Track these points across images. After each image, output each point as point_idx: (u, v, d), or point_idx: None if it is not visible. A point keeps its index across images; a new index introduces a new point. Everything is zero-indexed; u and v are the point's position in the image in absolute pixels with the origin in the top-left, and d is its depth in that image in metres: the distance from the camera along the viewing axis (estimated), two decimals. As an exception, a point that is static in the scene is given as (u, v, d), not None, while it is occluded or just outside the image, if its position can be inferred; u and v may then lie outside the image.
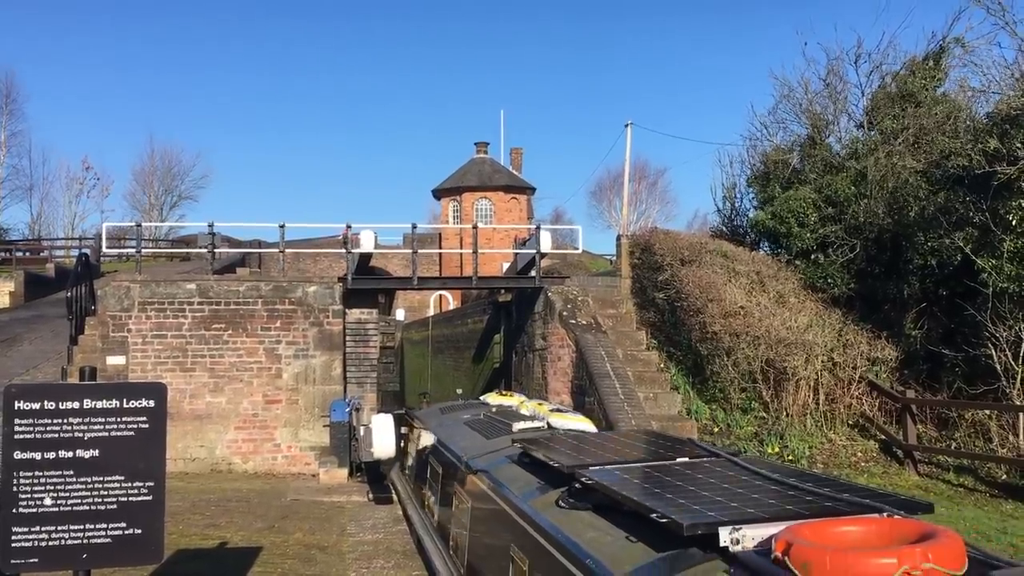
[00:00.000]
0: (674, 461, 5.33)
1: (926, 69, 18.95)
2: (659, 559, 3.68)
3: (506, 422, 8.36)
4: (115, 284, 16.41)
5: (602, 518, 4.44)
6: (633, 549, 3.90)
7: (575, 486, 4.90)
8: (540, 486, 5.54)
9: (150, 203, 57.11)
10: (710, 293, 16.37)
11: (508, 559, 5.25)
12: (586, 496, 4.77)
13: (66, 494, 4.53)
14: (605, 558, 3.95)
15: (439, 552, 7.64)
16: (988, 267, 13.73)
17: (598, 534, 4.29)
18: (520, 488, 5.73)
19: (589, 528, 4.42)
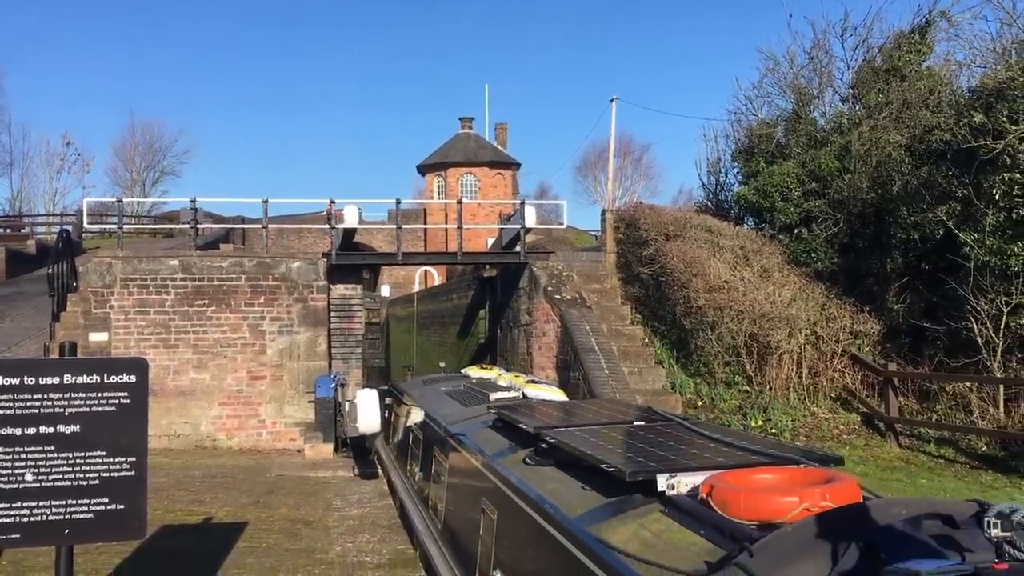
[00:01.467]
0: (631, 424, 5.95)
1: (912, 43, 18.95)
2: (607, 503, 4.23)
3: (483, 392, 8.92)
4: (97, 260, 16.28)
5: (562, 472, 5.00)
6: (586, 496, 4.45)
7: (540, 445, 5.47)
8: (510, 447, 6.08)
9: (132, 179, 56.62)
10: (694, 268, 16.42)
11: (480, 512, 5.74)
12: (549, 454, 5.33)
13: (47, 470, 4.50)
14: (562, 504, 4.47)
15: (419, 512, 8.10)
16: (970, 241, 13.81)
17: (558, 485, 4.83)
18: (492, 449, 6.25)
19: (550, 480, 4.97)
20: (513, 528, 5.08)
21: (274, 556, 8.21)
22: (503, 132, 52.23)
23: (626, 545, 3.66)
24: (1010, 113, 13.40)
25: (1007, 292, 13.28)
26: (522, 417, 6.33)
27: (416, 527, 7.84)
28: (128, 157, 57.34)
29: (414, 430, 9.42)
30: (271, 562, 7.97)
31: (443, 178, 45.84)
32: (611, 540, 3.77)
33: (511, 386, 9.18)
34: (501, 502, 5.36)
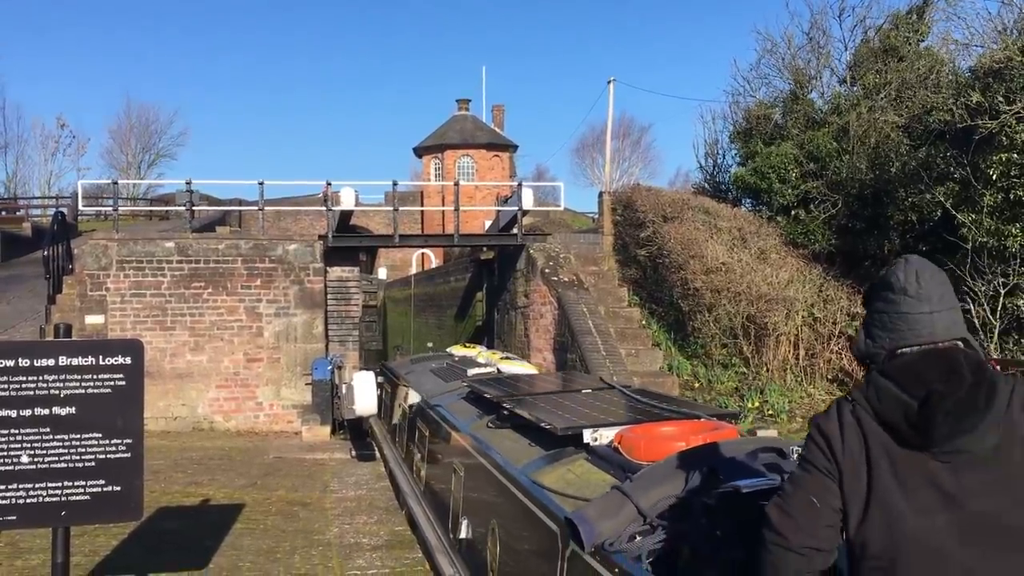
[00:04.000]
0: (579, 392, 6.98)
1: (909, 23, 18.88)
2: (545, 455, 5.22)
3: (463, 368, 9.76)
4: (93, 243, 16.23)
5: (517, 432, 5.96)
6: (531, 450, 5.46)
7: (501, 412, 6.45)
8: (478, 414, 7.02)
9: (127, 161, 56.22)
10: (692, 250, 16.39)
11: (452, 471, 6.64)
12: (508, 418, 6.27)
13: (43, 451, 4.50)
14: (511, 458, 5.46)
15: (405, 477, 9.01)
16: (968, 222, 13.79)
17: (511, 443, 5.81)
18: (463, 417, 7.21)
19: (505, 440, 5.93)
20: (475, 481, 6.00)
21: (271, 537, 8.22)
22: (500, 114, 51.99)
23: (553, 484, 4.59)
24: (1007, 92, 13.35)
25: (1004, 273, 13.27)
26: (489, 389, 7.30)
27: (403, 489, 8.73)
28: (124, 139, 57.01)
29: (401, 404, 10.13)
30: (268, 543, 7.98)
31: (440, 160, 45.68)
32: (543, 481, 4.70)
33: (488, 363, 10.11)
34: (467, 461, 6.30)
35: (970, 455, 2.25)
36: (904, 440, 2.30)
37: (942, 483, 2.25)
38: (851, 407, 2.42)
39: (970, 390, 2.27)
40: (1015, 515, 2.20)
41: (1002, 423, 2.26)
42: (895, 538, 2.26)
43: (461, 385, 8.46)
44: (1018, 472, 2.25)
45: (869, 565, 2.30)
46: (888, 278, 2.51)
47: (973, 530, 2.21)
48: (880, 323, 2.48)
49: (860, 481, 2.33)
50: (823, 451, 2.40)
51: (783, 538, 2.36)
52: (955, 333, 2.44)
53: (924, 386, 2.29)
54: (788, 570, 2.37)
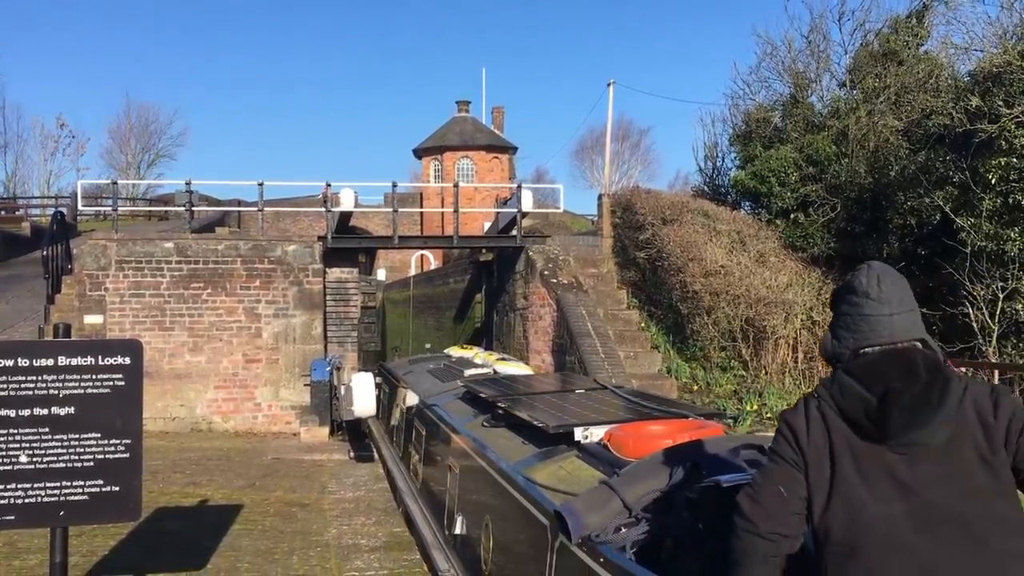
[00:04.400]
0: (572, 392, 7.20)
1: (909, 27, 18.91)
2: (538, 452, 5.43)
3: (460, 369, 9.97)
4: (92, 243, 16.23)
5: (510, 431, 6.15)
6: (524, 448, 5.66)
7: (496, 411, 6.63)
8: (474, 414, 7.19)
9: (127, 161, 56.16)
10: (691, 252, 16.40)
11: (447, 469, 6.81)
12: (502, 418, 6.46)
13: (42, 451, 4.50)
14: (504, 455, 5.61)
15: (402, 475, 9.16)
16: (967, 226, 13.80)
17: (505, 441, 6.00)
18: (459, 416, 7.37)
19: (500, 438, 6.11)
20: (470, 478, 6.14)
21: (269, 538, 8.21)
22: (500, 116, 51.99)
23: (545, 480, 4.78)
24: (1006, 96, 13.36)
25: (1003, 277, 13.28)
26: (485, 389, 7.49)
27: (399, 487, 8.91)
28: (123, 139, 56.97)
29: (399, 404, 10.26)
30: (266, 544, 7.98)
31: (439, 162, 45.69)
32: (535, 477, 4.90)
33: (484, 364, 10.34)
34: (462, 459, 6.45)
35: (924, 448, 2.41)
36: (864, 434, 2.47)
37: (899, 474, 2.41)
38: (817, 403, 2.59)
39: (925, 388, 2.43)
40: (965, 505, 2.35)
41: (954, 419, 2.41)
42: (856, 525, 2.42)
43: (458, 385, 8.66)
44: (968, 465, 2.39)
45: (832, 550, 2.46)
46: (852, 283, 2.67)
47: (927, 518, 2.36)
48: (845, 325, 2.64)
49: (824, 472, 2.50)
50: (790, 444, 2.58)
51: (753, 525, 2.54)
52: (914, 334, 2.59)
53: (883, 383, 2.45)
54: (757, 554, 2.54)
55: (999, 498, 2.38)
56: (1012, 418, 2.42)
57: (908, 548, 2.35)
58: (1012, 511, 2.38)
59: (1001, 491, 2.39)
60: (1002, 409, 2.43)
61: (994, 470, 2.39)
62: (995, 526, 2.35)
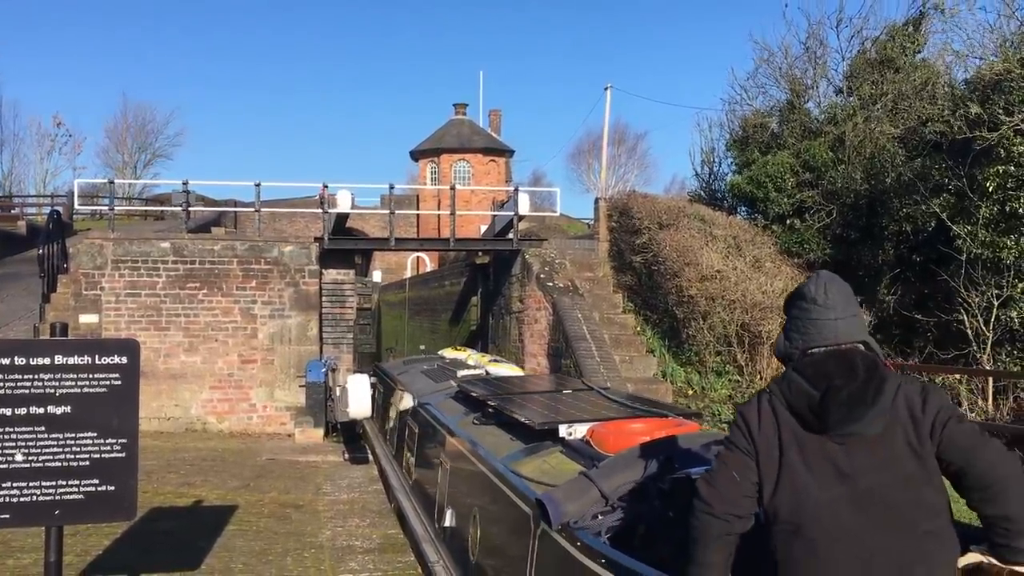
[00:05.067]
0: (560, 392, 7.55)
1: (906, 35, 18.97)
2: (524, 448, 5.69)
3: (452, 370, 10.19)
4: (88, 242, 16.21)
5: (499, 428, 6.38)
6: (512, 444, 5.90)
7: (486, 409, 6.90)
8: (465, 412, 7.45)
9: (123, 161, 56.04)
10: (687, 257, 16.42)
11: (439, 465, 7.00)
12: (492, 416, 6.71)
13: (37, 450, 4.48)
14: (493, 450, 5.83)
15: (395, 473, 9.34)
16: (963, 233, 13.83)
17: (494, 438, 6.21)
18: (451, 414, 7.58)
19: (489, 435, 6.31)
20: (460, 473, 6.37)
21: (264, 539, 8.20)
22: (497, 118, 52.03)
23: (530, 473, 5.01)
24: (1006, 105, 13.40)
25: (998, 285, 13.32)
26: (476, 388, 7.77)
27: (392, 484, 9.10)
28: (120, 139, 56.86)
29: (393, 403, 10.42)
30: (261, 545, 7.97)
31: (436, 164, 45.72)
32: (521, 471, 5.10)
33: (477, 365, 10.62)
34: (453, 454, 6.68)
35: (861, 438, 2.68)
36: (809, 425, 2.74)
37: (838, 462, 2.69)
38: (768, 398, 2.86)
39: (861, 385, 2.69)
40: (895, 490, 2.64)
41: (888, 413, 2.68)
42: (800, 506, 2.70)
43: (451, 385, 8.92)
44: (899, 454, 2.66)
45: (780, 528, 2.75)
46: (802, 289, 2.96)
47: (862, 501, 2.64)
48: (795, 327, 2.91)
49: (773, 459, 2.78)
50: (743, 434, 2.86)
51: (709, 506, 2.82)
52: (856, 336, 2.86)
53: (826, 381, 2.72)
54: (712, 532, 2.83)
55: (925, 484, 2.65)
56: (938, 413, 2.67)
57: (846, 527, 2.63)
58: (935, 496, 2.66)
59: (927, 478, 2.66)
60: (929, 405, 2.69)
61: (922, 459, 2.65)
62: (921, 509, 2.63)
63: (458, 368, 10.34)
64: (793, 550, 2.71)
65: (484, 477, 5.59)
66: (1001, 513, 2.60)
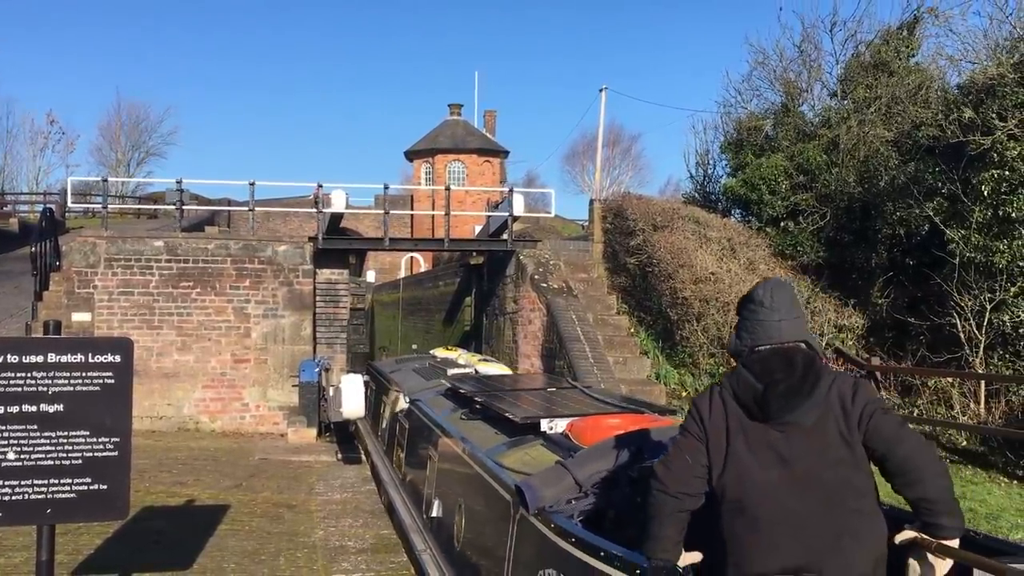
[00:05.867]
0: (544, 389, 7.93)
1: (900, 39, 19.01)
2: (508, 441, 6.01)
3: (443, 368, 10.53)
4: (81, 240, 16.16)
5: (485, 423, 6.75)
6: (496, 437, 6.22)
7: (474, 405, 7.27)
8: (453, 408, 7.77)
9: (117, 159, 55.93)
10: (681, 259, 16.43)
11: (427, 458, 7.26)
12: (479, 411, 7.08)
13: (30, 448, 4.48)
14: (477, 442, 6.13)
15: (385, 468, 9.64)
16: (956, 237, 13.86)
17: (479, 432, 6.52)
18: (440, 410, 7.88)
19: (475, 429, 6.65)
20: (447, 465, 6.63)
21: (256, 539, 8.19)
22: (492, 119, 52.02)
23: (511, 464, 5.31)
24: (999, 110, 13.44)
25: (991, 289, 13.35)
26: (465, 386, 8.13)
27: (383, 478, 9.41)
28: (113, 137, 56.73)
29: (385, 400, 10.86)
30: (253, 545, 7.95)
31: (431, 164, 45.68)
32: (503, 462, 5.39)
33: (467, 364, 10.99)
34: (441, 448, 6.95)
35: (797, 427, 3.00)
36: (753, 415, 3.07)
37: (778, 447, 3.01)
38: (719, 390, 3.22)
39: (799, 379, 3.02)
40: (827, 473, 2.95)
41: (822, 405, 3.00)
42: (745, 487, 3.02)
43: (441, 383, 9.26)
44: (831, 441, 2.98)
45: (727, 506, 3.07)
46: (751, 293, 3.27)
47: (798, 482, 2.96)
48: (744, 327, 3.24)
49: (721, 445, 3.11)
50: (696, 422, 3.21)
51: (664, 485, 3.17)
52: (798, 336, 3.17)
53: (769, 375, 3.05)
54: (667, 509, 3.16)
55: (853, 468, 2.97)
56: (865, 406, 3.00)
57: (784, 505, 2.95)
58: (863, 479, 2.99)
59: (855, 463, 2.98)
60: (858, 398, 3.02)
61: (851, 446, 2.98)
62: (849, 490, 2.95)
63: (448, 367, 10.67)
64: (737, 526, 3.03)
65: (469, 468, 5.86)
66: (922, 495, 2.92)
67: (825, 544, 2.91)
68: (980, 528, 8.81)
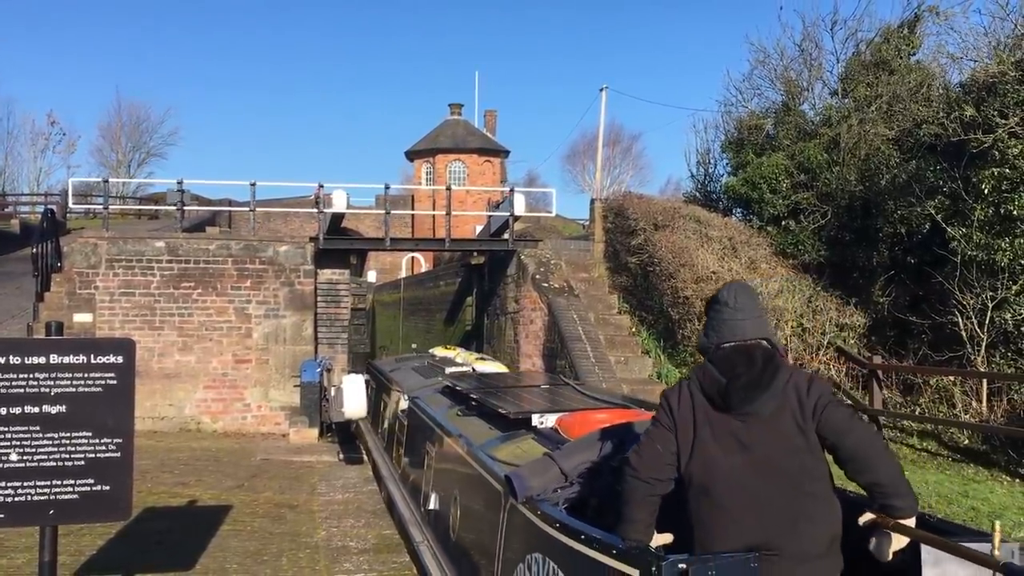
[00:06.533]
0: (537, 386, 8.29)
1: (901, 37, 18.99)
2: (501, 435, 6.23)
3: (442, 367, 10.85)
4: (82, 241, 16.16)
5: (480, 419, 6.97)
6: (490, 432, 6.44)
7: (470, 402, 7.54)
8: (450, 405, 8.00)
9: (118, 159, 55.90)
10: (682, 258, 16.42)
11: (425, 453, 7.52)
12: (474, 407, 7.33)
13: (32, 450, 4.48)
14: (472, 437, 6.34)
15: (385, 464, 9.95)
16: (958, 236, 13.84)
17: (475, 427, 6.75)
18: (437, 407, 8.09)
19: (470, 425, 6.89)
20: (444, 459, 6.89)
21: (258, 539, 8.19)
22: (492, 119, 52.02)
23: (503, 457, 5.52)
24: (1001, 107, 13.42)
25: (993, 287, 13.33)
26: (461, 383, 8.44)
27: (383, 474, 9.71)
28: (114, 137, 56.69)
29: (384, 398, 11.14)
30: (255, 545, 7.95)
31: (431, 164, 45.68)
32: (495, 455, 5.62)
33: (464, 362, 11.35)
34: (437, 443, 7.20)
35: (757, 417, 3.26)
36: (717, 406, 3.33)
37: (740, 435, 3.27)
38: (687, 383, 3.48)
39: (758, 374, 3.28)
40: (784, 459, 3.21)
41: (779, 397, 3.25)
42: (710, 472, 3.29)
43: (439, 381, 9.52)
44: (788, 431, 3.24)
45: (694, 491, 3.34)
46: (717, 295, 3.55)
47: (758, 467, 3.22)
48: (711, 326, 3.51)
49: (689, 434, 3.37)
50: (666, 413, 3.45)
51: (636, 471, 3.42)
52: (759, 334, 3.44)
53: (731, 370, 3.31)
54: (639, 493, 3.42)
55: (808, 455, 3.22)
56: (819, 398, 3.25)
57: (745, 488, 3.21)
58: (817, 465, 3.25)
59: (810, 450, 3.23)
60: (812, 391, 3.27)
61: (806, 435, 3.22)
62: (804, 474, 3.21)
63: (446, 365, 11.02)
64: (703, 508, 3.30)
65: (464, 462, 6.14)
66: (873, 480, 3.18)
67: (783, 524, 3.17)
68: (983, 527, 8.82)
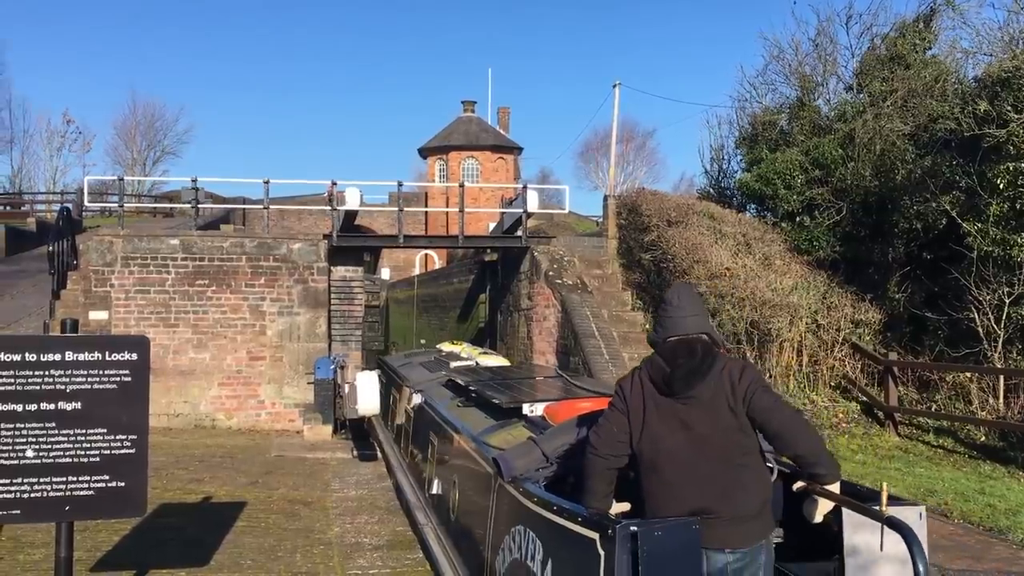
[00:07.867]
0: (533, 378, 8.92)
1: (916, 31, 18.87)
2: (495, 423, 6.75)
3: (447, 361, 11.42)
4: (97, 239, 16.25)
5: (478, 409, 7.51)
6: (485, 420, 6.97)
7: (469, 393, 8.03)
8: (451, 397, 8.55)
9: (132, 158, 56.25)
10: (696, 254, 16.38)
11: (429, 442, 8.03)
12: (473, 398, 7.85)
13: (48, 446, 4.50)
14: (469, 425, 6.92)
15: (394, 453, 10.53)
16: (973, 231, 13.76)
17: (473, 416, 7.30)
18: (440, 399, 8.65)
19: (469, 415, 7.45)
20: (444, 447, 7.40)
21: (272, 536, 8.22)
22: (505, 116, 51.94)
23: (496, 443, 6.03)
24: (1015, 102, 13.33)
25: (1009, 283, 13.24)
26: (462, 376, 8.91)
27: (392, 464, 10.32)
28: (129, 136, 57.06)
29: (392, 392, 11.66)
30: (269, 542, 7.98)
31: (445, 161, 45.67)
32: (489, 441, 6.16)
33: (468, 357, 11.90)
34: (439, 432, 7.70)
35: (697, 400, 3.76)
36: (662, 392, 3.83)
37: (682, 417, 3.78)
38: (639, 372, 3.98)
39: (698, 363, 3.78)
40: (719, 436, 3.73)
41: (715, 383, 3.75)
42: (657, 449, 3.81)
43: (443, 375, 9.97)
44: (723, 411, 3.73)
45: (644, 465, 3.87)
46: (664, 295, 4.10)
47: (697, 444, 3.74)
48: (659, 322, 4.02)
49: (639, 416, 3.88)
50: (620, 398, 3.97)
51: (595, 449, 3.97)
52: (700, 329, 3.93)
53: (674, 360, 3.81)
54: (597, 468, 3.98)
55: (740, 432, 3.74)
56: (750, 384, 3.73)
57: (686, 462, 3.74)
58: (747, 441, 3.76)
59: (742, 428, 3.74)
60: (744, 378, 3.75)
61: (737, 416, 3.72)
62: (736, 450, 3.74)
63: (452, 360, 11.58)
64: (651, 480, 3.83)
65: (462, 448, 6.68)
66: (797, 453, 3.74)
67: (718, 492, 3.70)
68: (999, 523, 8.79)
